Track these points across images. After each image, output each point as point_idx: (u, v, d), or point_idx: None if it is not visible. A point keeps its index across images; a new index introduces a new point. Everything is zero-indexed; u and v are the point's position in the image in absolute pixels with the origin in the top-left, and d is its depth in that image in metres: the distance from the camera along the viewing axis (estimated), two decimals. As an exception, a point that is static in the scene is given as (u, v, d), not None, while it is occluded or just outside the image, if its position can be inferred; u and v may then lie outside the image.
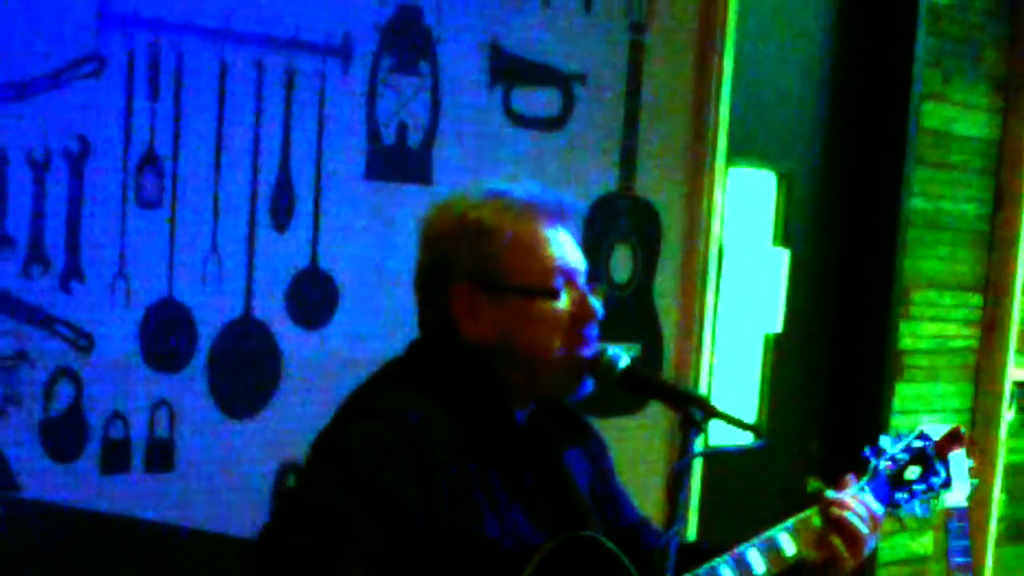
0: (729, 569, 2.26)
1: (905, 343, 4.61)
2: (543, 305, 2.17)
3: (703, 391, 3.86)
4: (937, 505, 2.60)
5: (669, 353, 3.85)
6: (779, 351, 4.38)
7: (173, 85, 2.90)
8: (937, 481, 2.57)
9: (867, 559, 4.61)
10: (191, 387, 2.99)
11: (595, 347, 2.20)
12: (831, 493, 2.38)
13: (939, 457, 2.58)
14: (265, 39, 3.01)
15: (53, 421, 2.82)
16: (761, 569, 2.29)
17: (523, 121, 3.47)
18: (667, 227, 3.80)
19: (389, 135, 3.23)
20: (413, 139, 3.27)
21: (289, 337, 3.12)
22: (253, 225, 3.04)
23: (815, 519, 2.34)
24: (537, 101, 3.50)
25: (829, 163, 4.46)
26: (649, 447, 3.78)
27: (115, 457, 2.90)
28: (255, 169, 3.03)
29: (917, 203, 4.55)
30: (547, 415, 2.28)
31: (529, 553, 2.09)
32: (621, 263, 3.72)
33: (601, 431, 2.47)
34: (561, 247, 2.19)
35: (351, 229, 3.19)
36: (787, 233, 4.35)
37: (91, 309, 2.84)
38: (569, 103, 3.56)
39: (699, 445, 2.10)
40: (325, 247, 3.15)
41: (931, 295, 4.69)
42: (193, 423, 3.00)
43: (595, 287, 2.22)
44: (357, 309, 3.20)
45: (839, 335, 4.53)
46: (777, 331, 4.35)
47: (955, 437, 2.61)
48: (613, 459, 2.43)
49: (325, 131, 3.12)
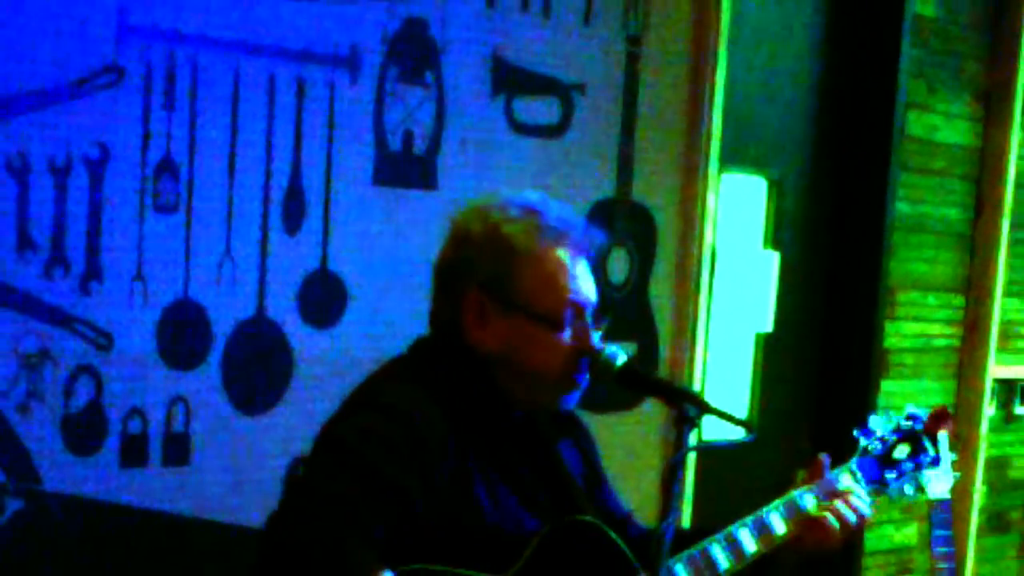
0: (721, 548, 2.28)
1: (890, 342, 4.61)
2: (548, 332, 2.18)
3: (696, 388, 3.86)
4: (925, 481, 2.59)
5: (664, 351, 3.85)
6: (770, 350, 4.38)
7: (189, 95, 2.90)
8: (926, 459, 2.57)
9: (853, 548, 4.64)
10: (206, 384, 2.99)
11: (586, 379, 2.22)
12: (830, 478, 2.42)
13: (928, 435, 2.58)
14: (277, 51, 3.00)
15: (74, 417, 2.81)
16: (752, 548, 2.31)
17: (524, 129, 3.47)
18: (662, 231, 3.80)
19: (396, 142, 3.23)
20: (419, 146, 3.27)
21: (300, 336, 3.12)
22: (265, 228, 3.04)
23: (804, 497, 2.38)
24: (538, 110, 3.50)
25: (817, 169, 4.45)
26: (645, 441, 3.78)
27: (133, 451, 2.90)
28: (267, 175, 3.03)
29: (902, 208, 4.55)
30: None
31: (526, 538, 2.10)
32: (618, 265, 3.71)
33: (599, 426, 2.47)
34: (578, 280, 2.21)
35: (359, 232, 3.19)
36: (777, 237, 4.34)
37: (110, 309, 2.83)
38: (568, 112, 3.56)
39: (693, 439, 2.11)
40: (334, 250, 3.15)
41: (915, 296, 4.69)
42: (208, 419, 3.00)
43: (600, 322, 2.24)
44: (365, 309, 3.20)
45: (827, 334, 4.53)
46: (768, 330, 4.34)
47: (942, 416, 2.60)
48: (600, 452, 2.44)
49: (334, 139, 3.12)
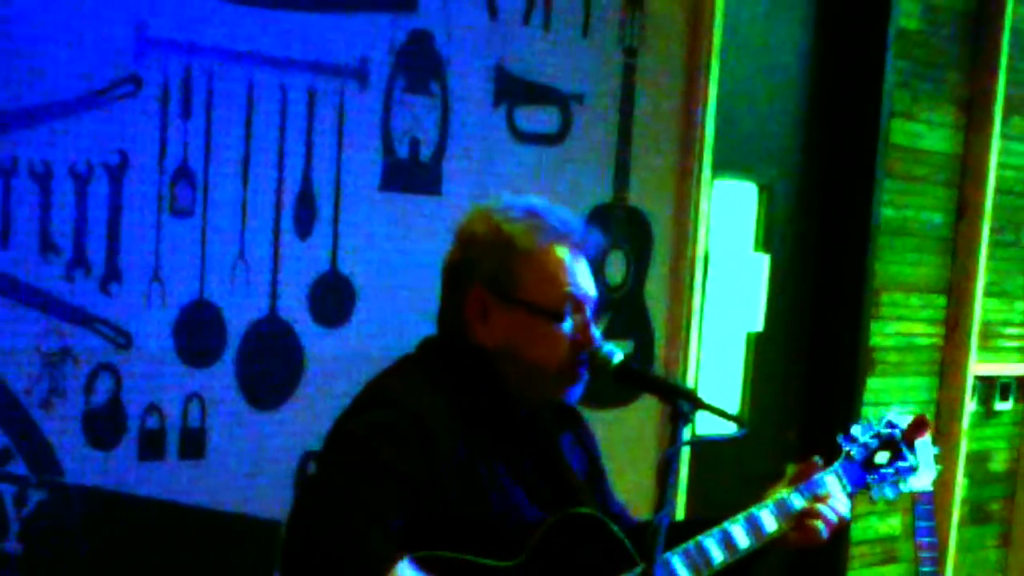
0: (715, 542, 2.27)
1: (875, 341, 4.60)
2: (548, 324, 2.18)
3: (690, 385, 3.86)
4: (904, 488, 2.59)
5: (659, 350, 3.84)
6: (760, 348, 4.38)
7: (205, 104, 2.89)
8: (904, 466, 2.58)
9: (840, 539, 4.64)
10: (221, 381, 2.99)
11: (587, 372, 2.21)
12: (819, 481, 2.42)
13: (906, 443, 2.58)
14: (289, 62, 3.00)
15: (94, 412, 2.81)
16: (744, 543, 2.30)
17: (525, 137, 3.47)
18: (657, 234, 3.80)
19: (402, 149, 3.22)
20: (424, 153, 3.26)
21: (311, 335, 3.11)
22: (278, 232, 3.04)
23: (793, 498, 2.37)
24: (538, 119, 3.50)
25: (806, 175, 4.45)
26: (641, 436, 3.77)
27: (151, 445, 2.90)
28: (280, 181, 3.03)
29: (886, 212, 4.54)
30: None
31: (529, 529, 2.10)
32: (615, 267, 3.71)
33: (597, 421, 2.47)
34: (577, 276, 2.20)
35: (368, 236, 3.18)
36: (767, 240, 4.34)
37: (129, 309, 2.83)
38: (568, 120, 3.56)
39: (687, 434, 2.10)
40: (344, 252, 3.14)
41: (899, 297, 4.69)
42: (223, 414, 3.00)
43: (599, 317, 2.23)
44: (373, 309, 3.20)
45: (815, 333, 4.53)
46: (758, 330, 4.34)
47: (920, 425, 2.61)
48: (600, 448, 2.43)
49: (343, 146, 3.12)
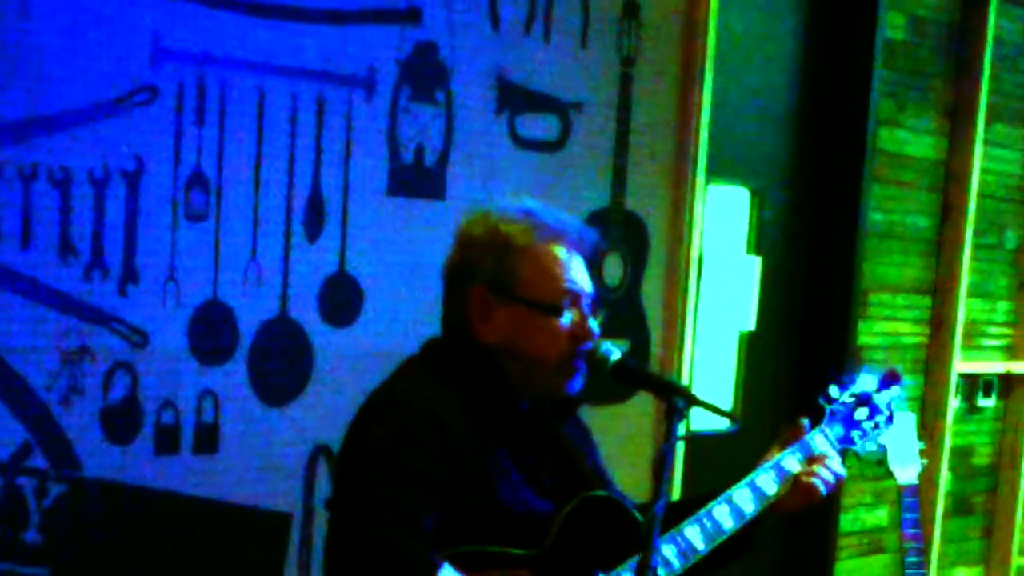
0: (725, 511, 2.29)
1: (863, 340, 4.60)
2: (546, 319, 2.18)
3: (685, 382, 3.85)
4: (884, 439, 2.64)
5: (655, 348, 3.84)
6: (752, 347, 4.37)
7: (218, 112, 2.89)
8: (882, 418, 2.64)
9: (829, 531, 4.63)
10: (233, 378, 2.98)
11: (584, 365, 2.21)
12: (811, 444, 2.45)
13: (880, 396, 2.63)
14: (299, 71, 3.00)
15: (112, 408, 2.81)
16: (750, 508, 2.32)
17: (526, 144, 3.46)
18: (653, 237, 3.79)
19: (408, 156, 3.22)
20: (429, 159, 3.26)
21: (320, 334, 3.11)
22: (288, 235, 3.04)
23: (787, 460, 2.39)
24: (539, 126, 3.49)
25: (796, 181, 4.44)
26: (637, 431, 3.76)
27: (166, 441, 2.90)
28: (290, 186, 3.02)
29: (874, 216, 4.54)
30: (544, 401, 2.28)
31: (541, 517, 2.11)
32: (613, 269, 3.70)
33: (595, 417, 2.46)
34: (573, 272, 2.20)
35: (375, 239, 3.18)
36: (759, 243, 4.33)
37: (145, 309, 2.83)
38: (567, 128, 3.55)
39: (681, 429, 2.10)
40: (352, 254, 3.14)
41: (886, 297, 4.68)
42: (235, 410, 2.99)
43: (597, 311, 2.23)
44: (380, 309, 3.19)
45: (805, 333, 4.52)
46: (750, 329, 4.33)
47: (892, 377, 2.65)
48: (599, 451, 2.44)
49: (351, 152, 3.12)
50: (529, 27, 3.43)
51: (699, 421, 3.87)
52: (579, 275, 2.21)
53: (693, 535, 2.21)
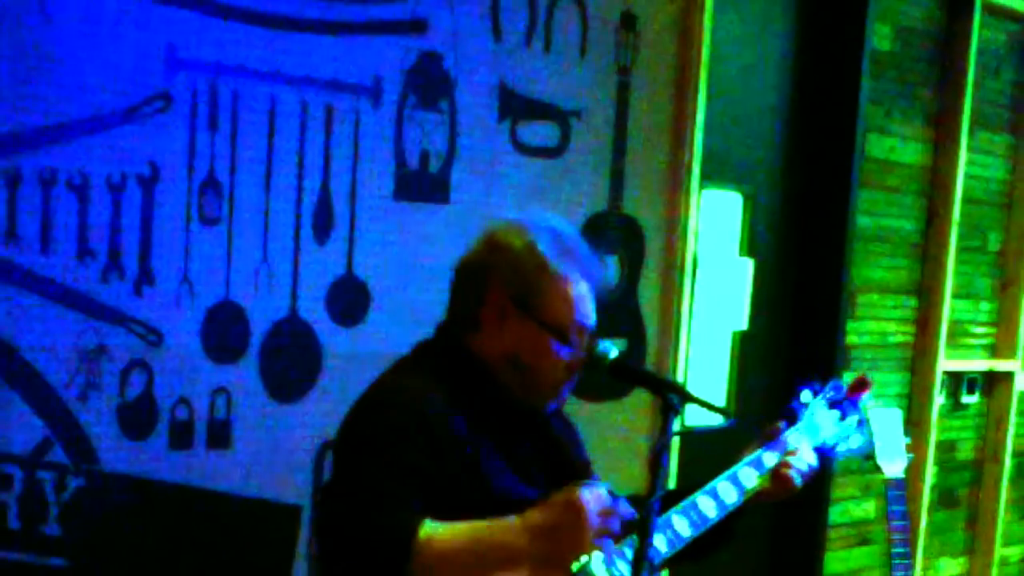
0: (708, 500, 2.34)
1: (852, 339, 4.59)
2: (554, 343, 2.22)
3: (680, 379, 3.85)
4: (858, 442, 2.65)
5: (651, 347, 3.84)
6: (745, 346, 4.37)
7: (230, 120, 2.89)
8: (852, 421, 2.66)
9: (819, 523, 4.62)
10: (245, 376, 2.98)
11: (567, 393, 2.30)
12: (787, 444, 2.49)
13: (850, 402, 2.66)
14: (308, 80, 3.00)
15: (128, 405, 2.81)
16: (732, 499, 2.37)
17: (527, 150, 3.46)
18: (650, 240, 3.79)
19: (413, 162, 3.22)
20: (434, 165, 3.26)
21: (328, 334, 3.11)
22: (298, 238, 3.03)
23: (765, 456, 2.44)
24: (539, 133, 3.49)
25: (787, 186, 4.44)
26: (634, 427, 3.76)
27: (181, 436, 2.89)
28: (300, 191, 3.02)
29: (862, 220, 4.54)
30: None
31: (531, 504, 2.11)
32: (611, 270, 3.70)
33: (594, 413, 2.47)
34: (587, 307, 2.25)
35: (381, 242, 3.18)
36: (751, 245, 4.33)
37: (160, 309, 2.83)
38: (566, 135, 3.55)
39: (676, 425, 2.12)
40: (359, 257, 3.14)
41: (874, 298, 4.68)
42: (247, 407, 2.99)
43: (593, 342, 2.26)
44: (386, 310, 3.19)
45: (796, 332, 4.52)
46: (743, 329, 4.33)
47: (861, 384, 2.67)
48: (584, 446, 2.47)
49: (359, 158, 3.11)
50: (530, 38, 3.43)
51: (694, 417, 3.87)
52: (590, 311, 2.26)
53: (679, 524, 2.27)
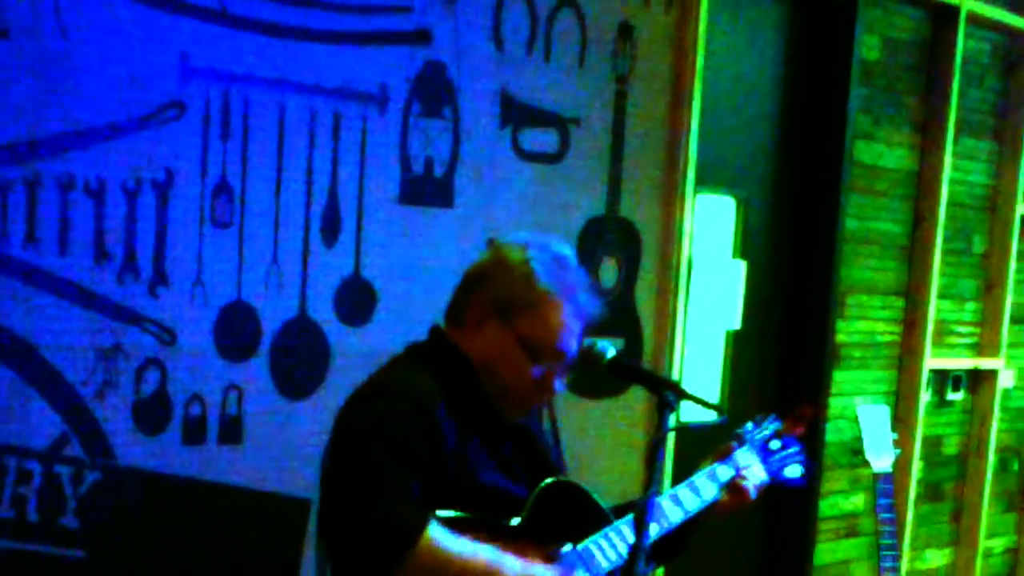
0: (670, 503, 2.37)
1: (841, 338, 4.59)
2: (525, 359, 2.22)
3: (675, 377, 3.85)
4: (800, 470, 2.65)
5: (647, 346, 3.83)
6: (738, 345, 4.37)
7: (242, 126, 2.89)
8: (794, 450, 2.67)
9: (809, 516, 4.63)
10: (256, 374, 2.98)
11: (533, 412, 2.35)
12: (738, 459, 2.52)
13: (787, 435, 2.67)
14: (317, 89, 3.00)
15: (143, 402, 2.81)
16: (692, 504, 2.40)
17: (528, 156, 3.46)
18: (646, 243, 3.79)
19: (418, 167, 3.22)
20: (438, 171, 3.26)
21: (337, 333, 3.11)
22: (307, 241, 3.03)
23: (719, 469, 2.47)
24: (540, 140, 3.49)
25: (779, 190, 4.44)
26: (631, 423, 3.76)
27: (194, 432, 2.89)
28: (309, 195, 3.02)
29: (850, 223, 4.53)
30: None
31: (512, 498, 2.16)
32: (608, 272, 3.70)
33: (592, 410, 2.47)
34: (569, 334, 2.23)
35: (387, 244, 3.18)
36: (744, 248, 4.33)
37: (174, 310, 2.83)
38: (566, 141, 3.55)
39: (672, 422, 2.12)
40: (366, 259, 3.14)
41: (862, 298, 4.68)
42: (258, 403, 2.99)
43: (568, 374, 2.27)
44: (392, 310, 3.19)
45: (787, 331, 4.52)
46: (736, 328, 4.33)
47: (798, 419, 2.70)
48: (565, 440, 2.51)
49: (366, 164, 3.11)
50: (531, 48, 3.43)
51: (689, 413, 3.86)
52: (571, 340, 2.24)
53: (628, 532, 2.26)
